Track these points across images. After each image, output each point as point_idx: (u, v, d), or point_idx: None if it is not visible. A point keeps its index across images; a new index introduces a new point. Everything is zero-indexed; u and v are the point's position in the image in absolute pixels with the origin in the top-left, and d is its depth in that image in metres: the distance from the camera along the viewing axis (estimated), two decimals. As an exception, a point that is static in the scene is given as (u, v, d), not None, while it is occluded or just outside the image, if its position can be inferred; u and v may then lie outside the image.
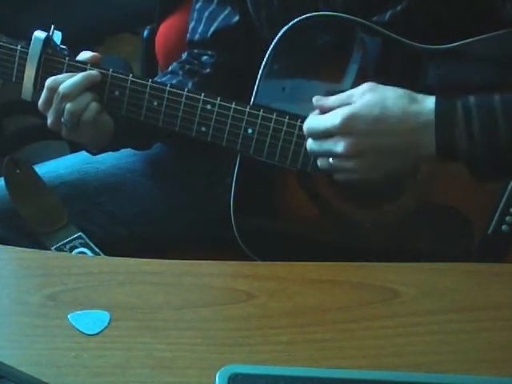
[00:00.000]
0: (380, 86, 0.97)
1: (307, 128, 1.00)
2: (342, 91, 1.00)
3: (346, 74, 1.05)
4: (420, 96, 0.96)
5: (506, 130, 0.94)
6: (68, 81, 1.06)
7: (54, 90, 1.07)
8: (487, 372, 0.83)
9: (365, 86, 0.97)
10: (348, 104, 0.96)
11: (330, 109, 0.97)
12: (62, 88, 1.06)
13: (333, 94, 1.00)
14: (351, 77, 1.05)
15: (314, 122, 0.99)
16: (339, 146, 0.95)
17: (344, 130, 0.95)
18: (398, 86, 1.00)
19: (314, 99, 1.00)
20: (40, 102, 1.09)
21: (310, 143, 1.00)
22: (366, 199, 1.07)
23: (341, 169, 0.98)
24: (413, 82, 1.05)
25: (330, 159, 0.98)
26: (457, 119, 0.94)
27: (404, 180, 1.05)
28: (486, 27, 1.01)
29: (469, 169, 0.97)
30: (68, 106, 1.06)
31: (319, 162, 1.00)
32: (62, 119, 1.07)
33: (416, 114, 0.95)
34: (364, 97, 0.96)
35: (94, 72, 1.08)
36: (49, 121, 1.09)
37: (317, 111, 1.00)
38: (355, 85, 1.03)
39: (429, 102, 0.95)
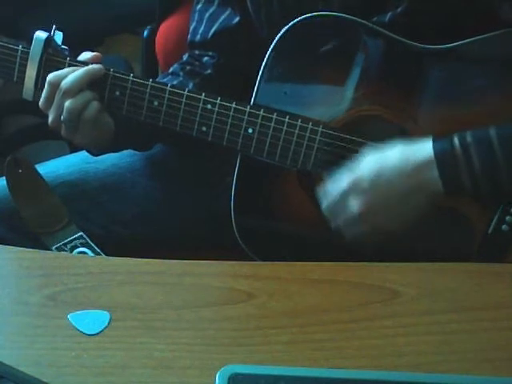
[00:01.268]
0: (379, 147, 1.01)
1: (326, 211, 1.03)
2: (345, 91, 1.01)
3: (346, 74, 1.05)
4: (415, 141, 0.99)
5: (506, 164, 0.96)
6: (70, 75, 1.06)
7: (55, 85, 1.07)
8: (487, 372, 0.83)
9: (365, 150, 1.02)
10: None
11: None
12: (64, 83, 1.06)
13: (334, 95, 1.02)
14: (351, 77, 1.05)
15: (329, 200, 1.02)
16: (354, 207, 0.99)
17: (351, 190, 0.99)
18: (399, 86, 1.01)
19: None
20: (41, 99, 1.09)
21: (333, 222, 1.03)
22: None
23: (365, 230, 1.01)
24: (413, 83, 1.05)
25: (355, 228, 1.01)
26: (456, 155, 0.97)
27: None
28: (486, 27, 1.02)
29: (473, 199, 1.01)
30: (68, 103, 1.06)
31: (347, 235, 1.02)
32: (62, 117, 1.07)
33: (414, 157, 0.98)
34: (364, 159, 1.00)
35: (96, 66, 1.08)
36: (50, 119, 1.09)
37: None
38: (354, 85, 1.03)
39: (425, 144, 0.98)
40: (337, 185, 1.01)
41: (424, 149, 0.98)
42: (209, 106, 1.07)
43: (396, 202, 0.99)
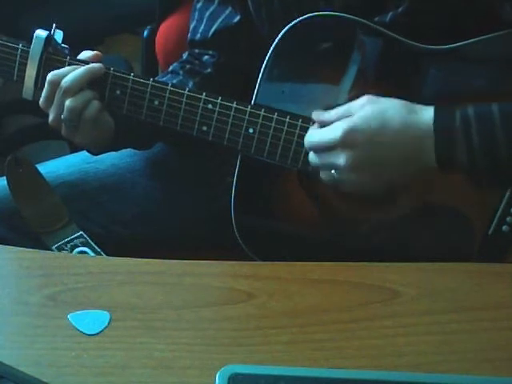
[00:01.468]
0: (379, 98, 0.98)
1: (308, 142, 1.01)
2: (343, 91, 1.00)
3: (347, 74, 1.05)
4: (418, 107, 0.97)
5: (505, 140, 0.95)
6: (70, 74, 1.06)
7: (55, 84, 1.06)
8: (487, 372, 0.83)
9: (364, 98, 0.98)
10: (347, 117, 0.97)
11: (330, 122, 0.98)
12: (64, 82, 1.06)
13: (334, 95, 1.01)
14: (352, 77, 1.05)
15: (315, 135, 1.00)
16: (341, 159, 0.96)
17: (345, 143, 0.96)
18: (398, 86, 1.00)
19: (314, 114, 1.01)
20: (41, 98, 1.09)
21: (312, 157, 1.01)
22: (366, 199, 1.07)
23: (343, 181, 0.99)
24: (413, 83, 1.05)
25: (333, 171, 0.98)
26: (455, 130, 0.95)
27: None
28: (487, 28, 1.02)
29: (470, 177, 0.98)
30: (68, 102, 1.06)
31: (322, 175, 1.01)
32: (62, 116, 1.07)
33: (414, 126, 0.96)
34: (363, 109, 0.97)
35: (96, 65, 1.08)
36: (50, 118, 1.09)
37: (316, 125, 1.01)
38: (356, 85, 1.03)
39: (427, 113, 0.96)
40: (330, 130, 0.98)
41: (425, 116, 0.96)
42: (209, 106, 1.07)
43: (386, 164, 0.97)
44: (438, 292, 0.93)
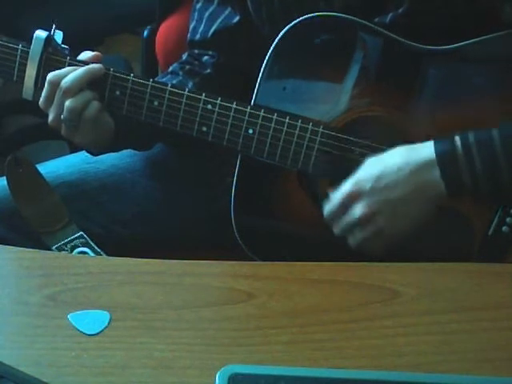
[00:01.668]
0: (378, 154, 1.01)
1: (328, 214, 1.03)
2: (344, 92, 1.01)
3: (347, 75, 1.05)
4: (417, 144, 0.99)
5: (507, 164, 0.96)
6: (70, 75, 1.06)
7: (55, 84, 1.06)
8: (487, 372, 0.83)
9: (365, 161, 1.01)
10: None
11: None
12: (64, 82, 1.06)
13: (334, 96, 1.01)
14: (352, 77, 1.05)
15: (328, 205, 1.02)
16: (357, 211, 0.99)
17: (354, 195, 0.99)
18: (399, 86, 1.01)
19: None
20: (41, 99, 1.09)
21: (336, 228, 1.03)
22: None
23: (369, 234, 1.01)
24: (413, 83, 1.05)
25: (357, 232, 1.01)
26: (458, 156, 0.97)
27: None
28: (487, 28, 1.02)
29: (474, 199, 1.01)
30: (68, 103, 1.06)
31: (351, 241, 1.02)
32: (62, 117, 1.07)
33: (415, 158, 0.98)
34: (363, 165, 1.00)
35: (96, 65, 1.08)
36: (50, 118, 1.09)
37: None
38: (357, 86, 1.03)
39: (427, 146, 0.98)
40: (339, 189, 1.01)
41: (425, 149, 0.98)
42: (209, 107, 1.07)
43: (399, 203, 0.99)
44: (438, 292, 0.93)
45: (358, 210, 0.99)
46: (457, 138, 0.97)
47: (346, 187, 1.00)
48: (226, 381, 0.78)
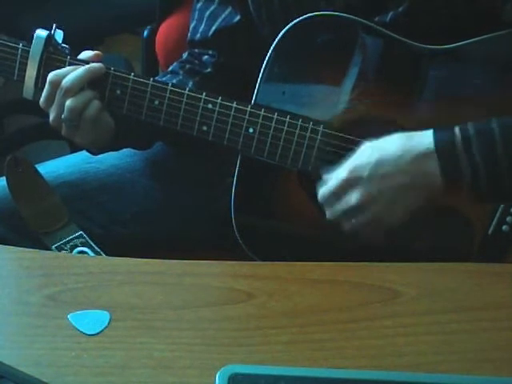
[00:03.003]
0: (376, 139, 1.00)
1: (322, 198, 1.02)
2: (344, 91, 1.01)
3: (347, 74, 1.05)
4: (416, 133, 0.99)
5: (506, 156, 0.96)
6: (71, 74, 1.06)
7: (56, 84, 1.06)
8: (487, 372, 0.83)
9: (361, 144, 1.00)
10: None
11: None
12: (64, 82, 1.06)
13: (334, 95, 1.01)
14: (352, 76, 1.05)
15: (324, 189, 1.01)
16: (353, 198, 0.98)
17: (351, 181, 0.98)
18: (399, 85, 1.00)
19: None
20: (42, 98, 1.09)
21: (329, 212, 1.02)
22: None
23: (365, 221, 1.00)
24: (414, 83, 1.05)
25: (351, 217, 1.00)
26: (457, 148, 0.96)
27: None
28: (487, 28, 1.02)
29: (473, 194, 0.98)
30: (68, 102, 1.06)
31: (345, 226, 1.02)
32: (63, 116, 1.07)
33: (414, 148, 0.97)
34: (360, 150, 0.99)
35: (96, 64, 1.08)
36: (50, 118, 1.09)
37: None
38: (357, 84, 1.03)
39: (426, 137, 0.97)
40: (335, 174, 1.00)
41: (424, 139, 0.97)
42: (210, 106, 1.07)
43: (395, 192, 0.98)
44: (437, 292, 0.93)
45: (354, 197, 0.98)
46: (456, 129, 0.96)
47: (343, 173, 0.99)
48: (225, 381, 0.78)
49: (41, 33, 1.09)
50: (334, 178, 1.00)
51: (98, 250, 1.09)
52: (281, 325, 0.88)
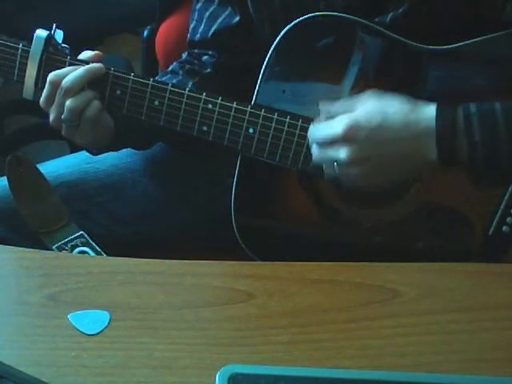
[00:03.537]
0: (383, 94, 0.99)
1: (311, 135, 1.02)
2: (343, 91, 1.00)
3: (348, 75, 1.05)
4: (421, 103, 0.98)
5: (507, 138, 0.95)
6: (71, 74, 1.06)
7: (56, 84, 1.06)
8: (487, 372, 0.83)
9: (369, 92, 0.99)
10: (351, 111, 0.97)
11: (336, 114, 0.99)
12: (64, 82, 1.06)
13: (334, 95, 1.01)
14: (352, 77, 1.05)
15: (318, 129, 1.01)
16: (342, 153, 0.97)
17: (346, 138, 0.97)
18: (399, 86, 1.00)
19: (320, 104, 1.01)
20: (42, 98, 1.09)
21: (315, 151, 1.01)
22: (366, 199, 1.07)
23: (345, 175, 0.99)
24: (414, 83, 1.05)
25: (335, 165, 0.99)
26: (457, 127, 0.95)
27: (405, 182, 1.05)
28: (487, 28, 1.02)
29: (469, 175, 0.98)
30: (68, 102, 1.06)
31: (324, 169, 1.01)
32: (63, 116, 1.07)
33: (416, 122, 0.96)
34: (366, 104, 0.98)
35: (96, 64, 1.08)
36: (51, 118, 1.09)
37: (320, 118, 1.01)
38: (357, 85, 1.03)
39: (430, 110, 0.97)
40: (334, 122, 0.99)
41: (426, 114, 0.96)
42: (210, 106, 1.07)
43: (388, 160, 0.98)
44: (437, 292, 0.93)
45: (344, 153, 0.97)
46: (459, 108, 0.96)
47: (340, 126, 0.97)
48: (226, 381, 0.78)
49: (41, 33, 1.09)
50: (330, 126, 0.99)
51: (99, 249, 1.09)
52: (281, 325, 0.88)
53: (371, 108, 0.98)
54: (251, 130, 1.06)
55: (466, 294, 0.93)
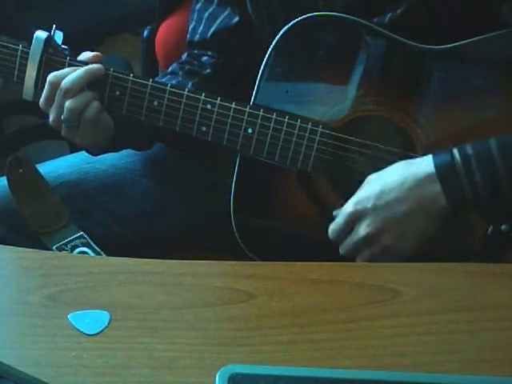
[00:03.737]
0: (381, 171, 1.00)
1: (332, 234, 1.03)
2: (343, 91, 1.01)
3: (346, 74, 1.05)
4: (416, 159, 0.99)
5: (506, 173, 0.96)
6: (70, 75, 1.06)
7: (56, 85, 1.07)
8: (487, 372, 0.83)
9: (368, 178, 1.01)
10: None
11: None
12: (64, 83, 1.06)
13: (334, 95, 1.01)
14: (351, 77, 1.05)
15: (332, 226, 1.02)
16: (362, 231, 0.99)
17: (357, 215, 0.99)
18: (398, 86, 1.01)
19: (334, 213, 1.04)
20: (42, 99, 1.09)
21: (343, 248, 1.02)
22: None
23: (377, 251, 1.00)
24: (413, 82, 1.05)
25: (365, 247, 1.00)
26: (457, 168, 0.96)
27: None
28: (485, 28, 1.02)
29: (480, 215, 1.00)
30: (68, 103, 1.06)
31: (360, 259, 1.02)
32: (62, 117, 1.07)
33: (415, 173, 0.97)
34: (364, 182, 1.00)
35: (96, 65, 1.08)
36: (50, 119, 1.09)
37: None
38: (355, 85, 1.03)
39: (426, 158, 0.98)
40: (342, 210, 1.01)
41: (425, 163, 0.97)
42: (208, 106, 1.07)
43: (402, 219, 0.98)
44: (437, 292, 0.93)
45: (363, 229, 0.99)
46: (455, 151, 0.97)
47: (348, 207, 1.00)
48: (225, 381, 0.78)
49: (40, 34, 1.09)
50: (341, 214, 1.01)
51: (99, 250, 1.09)
52: (281, 325, 0.88)
53: (369, 181, 1.00)
54: (250, 130, 1.06)
55: (465, 293, 0.93)
